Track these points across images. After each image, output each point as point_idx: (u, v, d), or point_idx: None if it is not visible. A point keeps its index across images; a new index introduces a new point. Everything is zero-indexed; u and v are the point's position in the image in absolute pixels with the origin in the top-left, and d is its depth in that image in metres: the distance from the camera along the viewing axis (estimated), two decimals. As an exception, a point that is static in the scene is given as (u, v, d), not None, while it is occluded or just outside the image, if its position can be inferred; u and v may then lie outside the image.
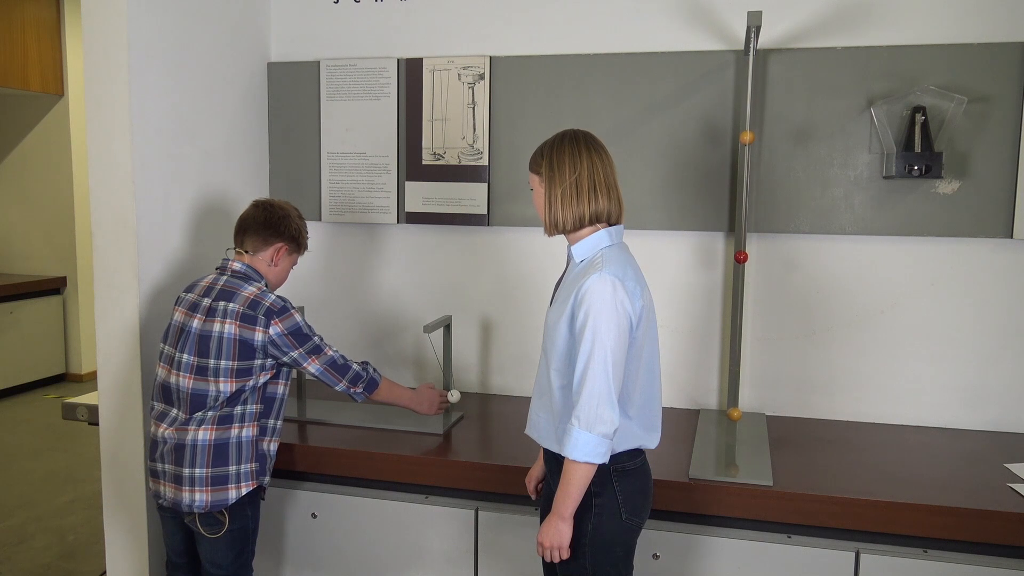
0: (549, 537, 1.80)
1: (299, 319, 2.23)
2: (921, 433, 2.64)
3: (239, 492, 2.18)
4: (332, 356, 2.28)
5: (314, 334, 2.26)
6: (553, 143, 1.87)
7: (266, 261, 2.29)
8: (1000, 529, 2.03)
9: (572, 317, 1.78)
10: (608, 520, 1.82)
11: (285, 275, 2.37)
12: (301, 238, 2.34)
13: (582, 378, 1.73)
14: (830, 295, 2.74)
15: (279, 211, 2.31)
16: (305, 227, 2.37)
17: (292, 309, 2.23)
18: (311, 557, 2.52)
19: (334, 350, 2.30)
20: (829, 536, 2.15)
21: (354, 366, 2.33)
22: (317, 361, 2.25)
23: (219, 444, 2.17)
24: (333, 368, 2.28)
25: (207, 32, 2.79)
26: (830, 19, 2.66)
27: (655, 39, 2.79)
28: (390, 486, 2.45)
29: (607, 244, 1.84)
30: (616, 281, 1.75)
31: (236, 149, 2.99)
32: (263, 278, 2.28)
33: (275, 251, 2.30)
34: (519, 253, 2.99)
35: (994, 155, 2.54)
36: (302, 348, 2.23)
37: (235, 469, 2.18)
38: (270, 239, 2.28)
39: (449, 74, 2.96)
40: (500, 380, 3.07)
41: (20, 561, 3.42)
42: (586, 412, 1.72)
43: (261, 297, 2.20)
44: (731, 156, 2.73)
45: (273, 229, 2.28)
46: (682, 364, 2.87)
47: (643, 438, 1.87)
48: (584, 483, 1.76)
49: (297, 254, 2.36)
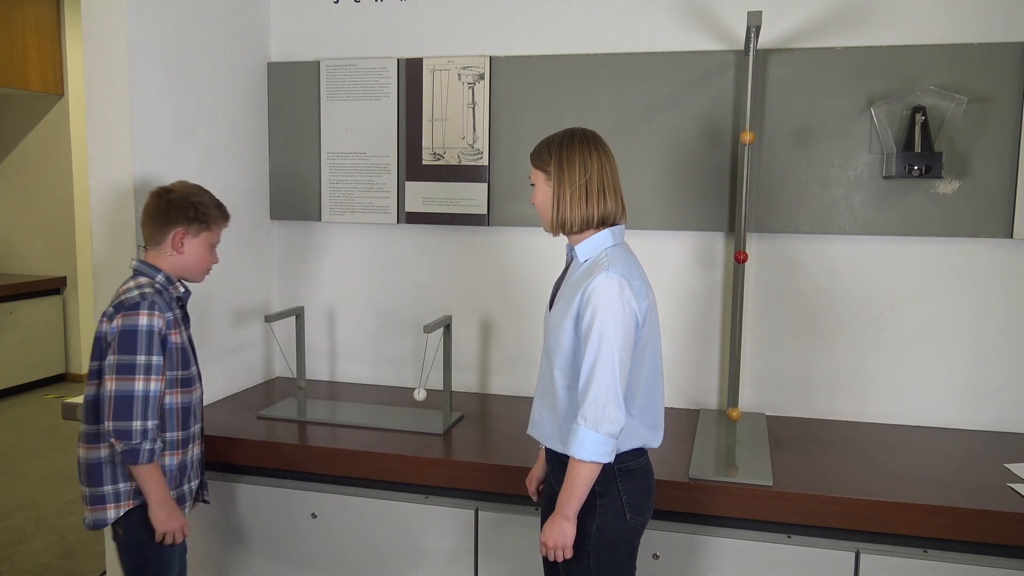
0: (553, 537, 1.79)
1: (143, 324, 1.95)
2: (921, 433, 2.64)
3: (118, 512, 2.04)
4: (135, 391, 1.93)
5: (147, 353, 1.95)
6: (563, 141, 1.84)
7: (167, 252, 2.09)
8: (1000, 529, 2.03)
9: (578, 317, 1.77)
10: (612, 520, 1.82)
11: (201, 258, 2.15)
12: (202, 215, 2.10)
13: (589, 378, 1.72)
14: (830, 295, 2.74)
15: (171, 195, 2.09)
16: (209, 200, 2.14)
17: (145, 311, 1.96)
18: (311, 557, 2.52)
19: (150, 391, 1.95)
20: (829, 536, 2.15)
21: (137, 425, 1.94)
22: (115, 382, 1.93)
23: (91, 463, 2.04)
24: (119, 403, 1.93)
25: (207, 32, 2.79)
26: (830, 19, 2.66)
27: (655, 39, 2.79)
28: (390, 486, 2.45)
29: (611, 244, 1.83)
30: (623, 280, 1.74)
31: (236, 149, 2.99)
32: (159, 271, 2.07)
33: (174, 238, 2.08)
34: (519, 253, 2.99)
35: (994, 155, 2.54)
36: (118, 355, 1.94)
37: (111, 489, 2.04)
38: (164, 227, 2.08)
39: (449, 74, 2.96)
40: (500, 380, 3.07)
41: (20, 561, 3.42)
42: (593, 411, 1.71)
43: (126, 291, 2.01)
44: (731, 156, 2.73)
45: (164, 216, 2.07)
46: (682, 364, 2.87)
47: (647, 437, 1.87)
48: (589, 483, 1.75)
49: (208, 232, 2.13)
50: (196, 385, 2.17)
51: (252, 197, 3.10)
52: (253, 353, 3.15)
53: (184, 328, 2.14)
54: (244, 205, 3.04)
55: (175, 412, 2.09)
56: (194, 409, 2.17)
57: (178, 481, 2.13)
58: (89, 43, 2.47)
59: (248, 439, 2.54)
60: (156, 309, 1.98)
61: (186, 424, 2.13)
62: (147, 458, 1.97)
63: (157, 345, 1.98)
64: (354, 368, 3.22)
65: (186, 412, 2.12)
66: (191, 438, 2.16)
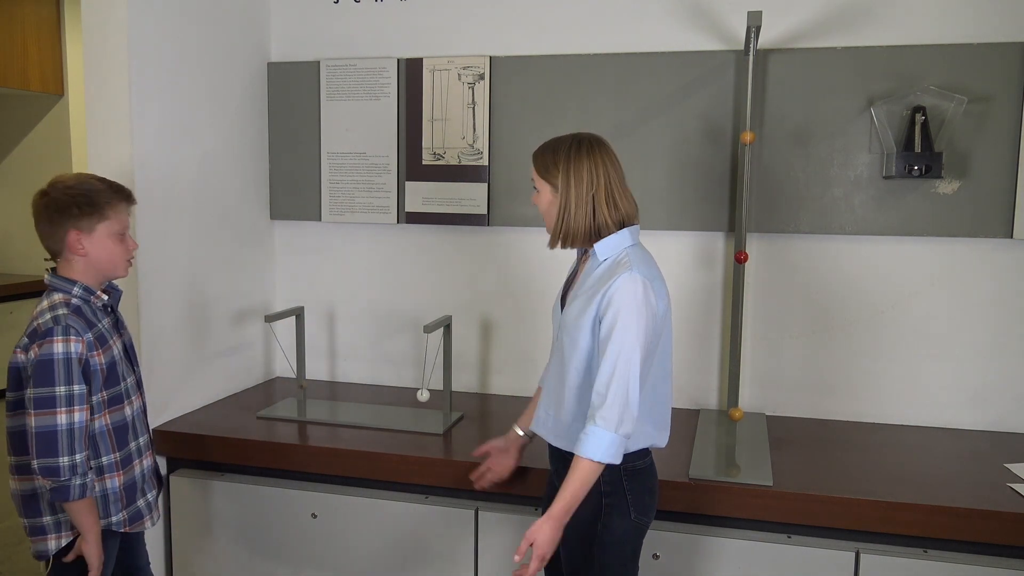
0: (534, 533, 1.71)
1: (58, 352, 1.78)
2: (921, 433, 2.64)
3: (59, 542, 1.94)
4: (59, 426, 1.79)
5: (66, 383, 1.79)
6: (569, 151, 1.81)
7: (70, 258, 1.89)
8: (1000, 529, 2.03)
9: (597, 317, 1.76)
10: (618, 520, 1.81)
11: (111, 253, 1.92)
12: (88, 206, 1.86)
13: (610, 378, 1.71)
14: (830, 295, 2.74)
15: (45, 200, 1.86)
16: (94, 186, 1.89)
17: (60, 338, 1.79)
18: (311, 557, 2.52)
19: (74, 423, 1.80)
20: (829, 536, 2.15)
21: (64, 461, 1.79)
22: (35, 417, 1.78)
23: (25, 495, 1.93)
24: (42, 439, 1.79)
25: (207, 32, 2.79)
26: (830, 19, 2.66)
27: (655, 39, 2.79)
28: (390, 486, 2.45)
29: (630, 243, 1.83)
30: (646, 281, 1.74)
31: (236, 149, 2.98)
32: (74, 282, 1.89)
33: (73, 242, 1.86)
34: (519, 253, 2.99)
35: (994, 155, 2.53)
36: (35, 388, 1.78)
37: (51, 520, 1.93)
38: (56, 234, 1.86)
39: (449, 74, 2.96)
40: (500, 380, 3.07)
41: (20, 561, 3.42)
42: (614, 412, 1.70)
43: (38, 316, 1.85)
44: (731, 156, 2.72)
45: (48, 222, 1.86)
46: (682, 364, 2.87)
47: (654, 437, 1.87)
48: (590, 484, 1.73)
49: (106, 222, 1.89)
50: (130, 399, 2.01)
51: (252, 197, 3.10)
52: (253, 353, 3.15)
53: (117, 336, 1.99)
54: (244, 205, 3.04)
55: (107, 435, 1.94)
56: (132, 424, 2.02)
57: (128, 500, 2.01)
58: (89, 43, 2.47)
59: (248, 439, 2.54)
60: (71, 333, 1.81)
61: (123, 443, 1.98)
62: (78, 494, 1.83)
63: (77, 373, 1.82)
64: (354, 368, 3.22)
65: (121, 431, 1.97)
66: (133, 454, 2.02)
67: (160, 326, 2.61)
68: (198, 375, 2.82)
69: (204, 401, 2.85)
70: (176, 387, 2.70)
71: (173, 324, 2.68)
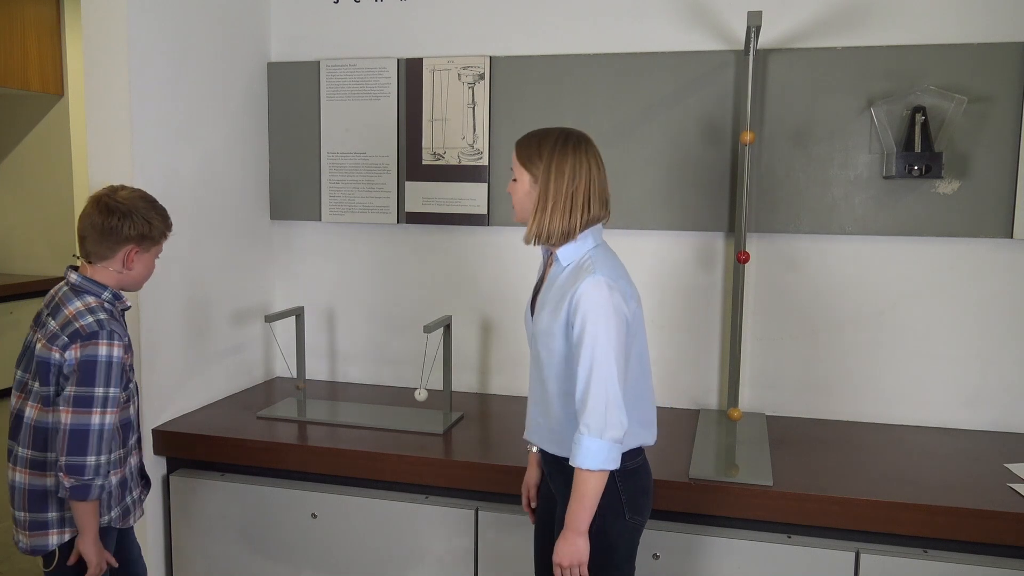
0: (568, 556, 1.74)
1: (103, 355, 1.86)
2: (921, 433, 2.64)
3: (61, 538, 1.96)
4: (92, 425, 1.85)
5: (105, 385, 1.87)
6: (555, 144, 1.78)
7: (116, 268, 1.97)
8: (1000, 529, 2.03)
9: (567, 323, 1.75)
10: (612, 521, 1.81)
11: (147, 271, 2.06)
12: (152, 231, 1.99)
13: (587, 385, 1.70)
14: (830, 295, 2.74)
15: (119, 209, 1.95)
16: (156, 213, 2.01)
17: (105, 341, 1.87)
18: (311, 557, 2.52)
19: (105, 425, 1.87)
20: (829, 536, 2.15)
21: (91, 460, 1.86)
22: (72, 414, 1.85)
23: (34, 490, 1.95)
24: (76, 437, 1.85)
25: (207, 32, 2.79)
26: (830, 19, 2.66)
27: (655, 39, 2.79)
28: (390, 486, 2.45)
29: (592, 245, 1.81)
30: (610, 283, 1.72)
31: (236, 149, 2.98)
32: (105, 288, 1.97)
33: (125, 256, 1.97)
34: (519, 253, 2.98)
35: (994, 155, 2.54)
36: (76, 387, 1.85)
37: (56, 515, 1.96)
38: (115, 247, 1.95)
39: (449, 74, 2.96)
40: (500, 380, 3.07)
41: (20, 561, 3.42)
42: (595, 419, 1.69)
43: (77, 317, 1.89)
44: (731, 156, 2.72)
45: (114, 235, 1.94)
46: (682, 364, 2.87)
47: (642, 435, 1.86)
48: (598, 493, 1.72)
49: (156, 247, 2.04)
50: (133, 399, 2.06)
51: (252, 197, 3.10)
52: (253, 353, 3.15)
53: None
54: (244, 205, 3.04)
55: (115, 432, 1.98)
56: (133, 422, 2.07)
57: (120, 497, 2.04)
58: (89, 43, 2.47)
59: (248, 439, 2.54)
60: (115, 338, 1.89)
61: (125, 440, 2.03)
62: (96, 494, 1.89)
63: (117, 376, 1.89)
64: (354, 368, 3.22)
65: (125, 429, 2.02)
66: (129, 452, 2.07)
67: (160, 326, 2.60)
68: (198, 375, 2.82)
69: (204, 401, 2.85)
70: (176, 387, 2.70)
71: (173, 324, 2.68)
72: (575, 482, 1.73)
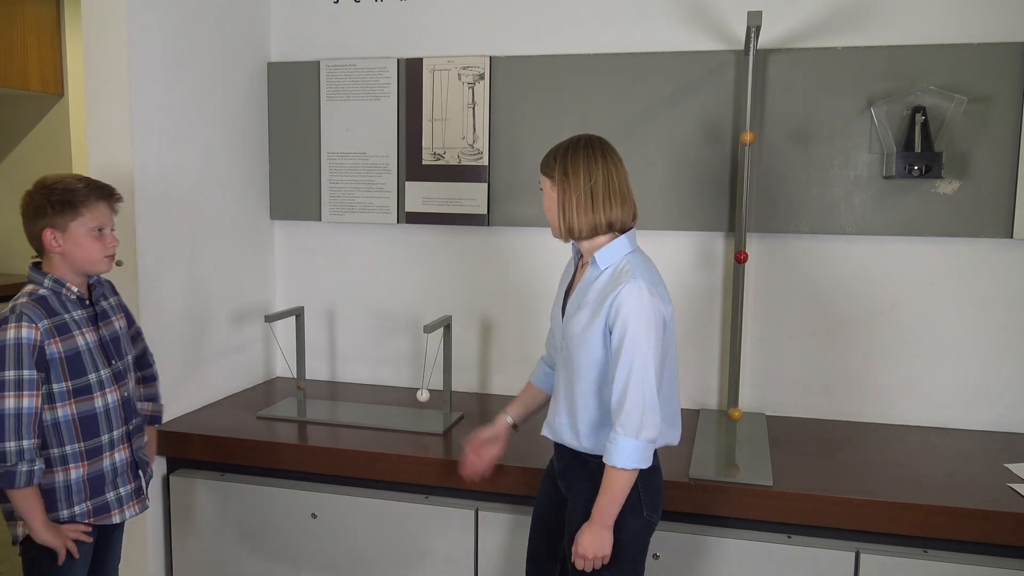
0: (593, 548, 1.80)
1: (10, 338, 1.82)
2: (921, 433, 2.64)
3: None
4: (5, 410, 1.81)
5: (16, 368, 1.81)
6: (568, 148, 1.86)
7: (51, 254, 1.94)
8: (1000, 529, 2.03)
9: (607, 326, 1.79)
10: (631, 518, 1.84)
11: (87, 250, 1.94)
12: (61, 204, 1.90)
13: (625, 387, 1.75)
14: (830, 295, 2.74)
15: (33, 193, 1.93)
16: (70, 184, 1.94)
17: (12, 324, 1.83)
18: (311, 557, 2.52)
19: (23, 409, 1.82)
20: (829, 536, 2.15)
21: (11, 446, 1.81)
22: None
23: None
24: None
25: (207, 32, 2.79)
26: (830, 19, 2.66)
27: (655, 39, 2.79)
28: (390, 486, 2.45)
29: (629, 250, 1.85)
30: (651, 288, 1.77)
31: (236, 149, 2.98)
32: (44, 275, 1.94)
33: (48, 240, 1.91)
34: (519, 253, 2.99)
35: (994, 155, 2.53)
36: None
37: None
38: (35, 231, 1.93)
39: (449, 74, 2.95)
40: (500, 380, 3.07)
41: (20, 561, 3.42)
42: (633, 420, 1.74)
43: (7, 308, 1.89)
44: (731, 156, 2.72)
45: (28, 220, 1.92)
46: (682, 364, 2.84)
47: (669, 435, 1.90)
48: (628, 489, 1.78)
49: (80, 219, 1.92)
50: (103, 391, 1.98)
51: (252, 197, 3.10)
52: (253, 353, 3.15)
53: (91, 328, 1.98)
54: (244, 205, 3.04)
55: (71, 424, 1.93)
56: (108, 416, 1.99)
57: (93, 492, 1.99)
58: (89, 43, 2.47)
59: (248, 439, 2.54)
60: (24, 320, 1.84)
61: (91, 434, 1.96)
62: (24, 481, 1.83)
63: (28, 358, 1.83)
64: (354, 368, 3.22)
65: (88, 422, 1.95)
66: (104, 446, 1.99)
67: (160, 326, 2.60)
68: (198, 375, 2.82)
69: (204, 401, 2.85)
70: (176, 387, 2.70)
71: (173, 324, 2.68)
72: (607, 478, 1.78)
